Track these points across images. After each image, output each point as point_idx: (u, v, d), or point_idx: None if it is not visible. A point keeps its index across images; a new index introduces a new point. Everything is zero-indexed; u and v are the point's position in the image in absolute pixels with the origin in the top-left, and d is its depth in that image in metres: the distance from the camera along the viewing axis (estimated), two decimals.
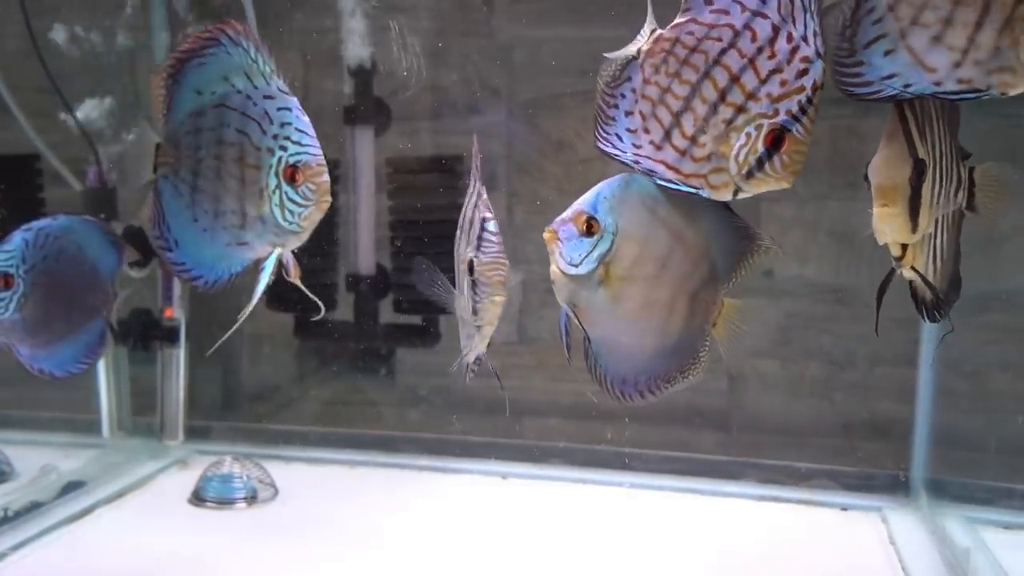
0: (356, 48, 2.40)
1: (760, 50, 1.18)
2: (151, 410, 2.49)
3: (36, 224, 1.78)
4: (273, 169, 1.37)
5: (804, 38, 1.17)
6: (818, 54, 1.16)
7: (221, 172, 1.42)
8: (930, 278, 1.27)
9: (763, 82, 1.17)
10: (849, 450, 2.30)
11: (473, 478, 2.35)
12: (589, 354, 1.35)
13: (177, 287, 2.42)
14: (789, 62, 1.17)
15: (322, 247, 2.54)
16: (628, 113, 1.28)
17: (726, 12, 1.20)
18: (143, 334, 2.42)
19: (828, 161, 2.24)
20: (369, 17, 2.37)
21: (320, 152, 1.39)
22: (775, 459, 2.27)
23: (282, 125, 1.38)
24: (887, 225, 1.15)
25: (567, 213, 1.31)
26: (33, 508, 2.04)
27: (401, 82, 2.40)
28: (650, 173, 1.27)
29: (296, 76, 2.63)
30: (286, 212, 1.39)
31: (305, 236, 1.43)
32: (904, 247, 1.20)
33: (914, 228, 1.15)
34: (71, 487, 2.18)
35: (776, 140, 1.17)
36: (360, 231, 2.48)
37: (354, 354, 2.62)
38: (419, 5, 2.48)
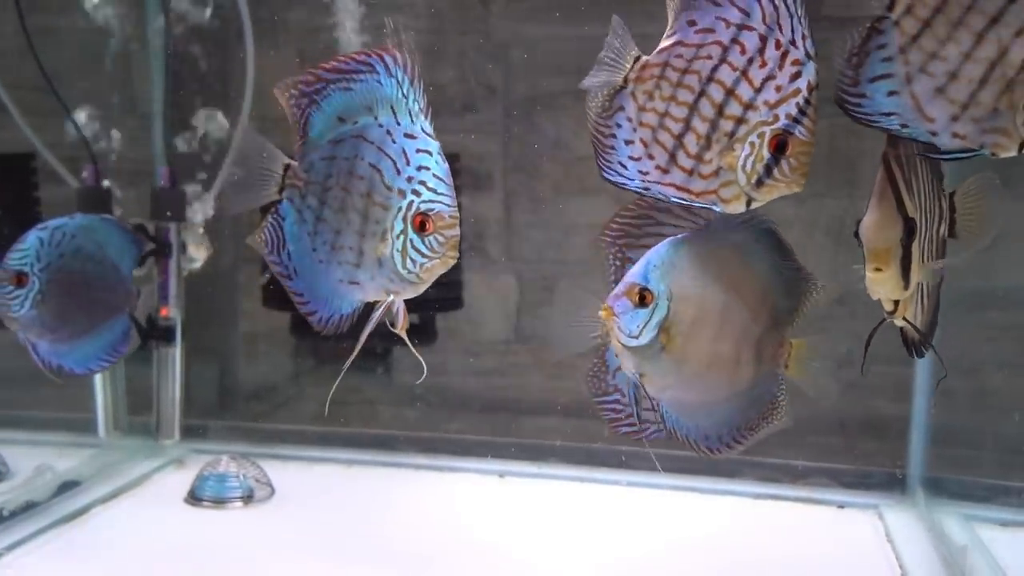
0: (352, 46, 2.39)
1: (751, 61, 1.19)
2: (147, 409, 2.48)
3: (52, 223, 1.78)
4: (401, 213, 1.29)
5: (792, 42, 1.18)
6: (808, 55, 1.17)
7: (346, 205, 1.34)
8: (917, 313, 1.28)
9: (758, 91, 1.19)
10: (846, 448, 2.30)
11: (470, 477, 2.34)
12: (664, 417, 1.37)
13: (173, 286, 2.41)
14: (781, 67, 1.18)
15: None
16: (628, 142, 1.29)
17: (711, 30, 1.22)
18: (139, 334, 2.42)
19: (826, 160, 2.24)
20: (365, 15, 2.37)
21: (455, 204, 1.30)
22: (772, 457, 2.27)
23: (419, 168, 1.29)
24: (880, 287, 1.17)
25: (619, 287, 1.30)
26: (28, 508, 2.03)
27: None
28: (662, 197, 1.28)
29: (291, 75, 2.63)
30: (407, 260, 1.30)
31: (422, 288, 1.35)
32: (897, 301, 1.22)
33: (906, 286, 1.17)
34: (67, 487, 2.17)
35: (780, 145, 1.18)
36: None
37: (351, 353, 2.62)
38: (416, 3, 2.48)
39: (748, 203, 1.22)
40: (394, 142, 1.31)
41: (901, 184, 1.16)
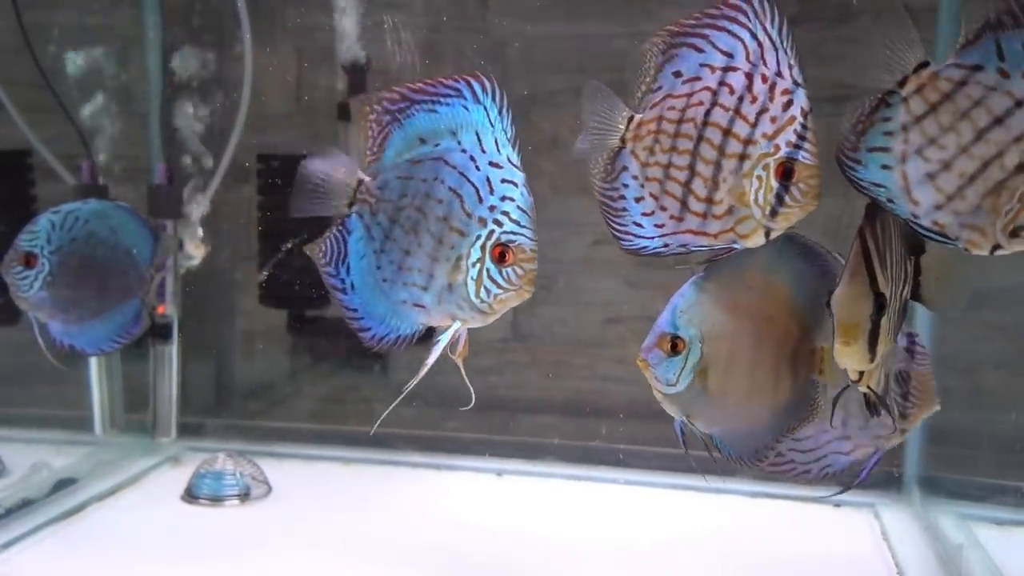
0: (350, 44, 2.39)
1: (740, 99, 1.22)
2: (144, 407, 2.48)
3: (65, 207, 1.81)
4: (480, 242, 1.27)
5: (778, 73, 1.21)
6: (796, 83, 1.20)
7: (419, 227, 1.31)
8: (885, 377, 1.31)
9: (755, 125, 1.21)
10: None
11: (468, 475, 2.34)
12: (718, 445, 1.38)
13: (170, 283, 2.41)
14: (772, 99, 1.20)
15: None
16: (638, 199, 1.30)
17: (698, 78, 1.25)
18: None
19: (824, 160, 2.24)
20: (363, 13, 2.36)
21: (536, 239, 1.28)
22: None
23: (503, 199, 1.27)
24: (847, 359, 1.18)
25: (650, 339, 1.30)
26: (24, 505, 2.03)
27: (395, 78, 2.39)
28: (682, 248, 1.29)
29: (289, 72, 2.63)
30: (482, 289, 1.28)
31: (491, 319, 1.33)
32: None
33: (872, 358, 1.19)
34: (63, 484, 2.17)
35: (787, 172, 1.20)
36: None
37: (348, 351, 2.62)
38: (414, 1, 2.48)
39: (767, 234, 1.24)
40: (478, 169, 1.29)
41: (875, 259, 1.17)
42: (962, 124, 1.12)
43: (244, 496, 2.13)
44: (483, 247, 1.27)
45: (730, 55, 1.23)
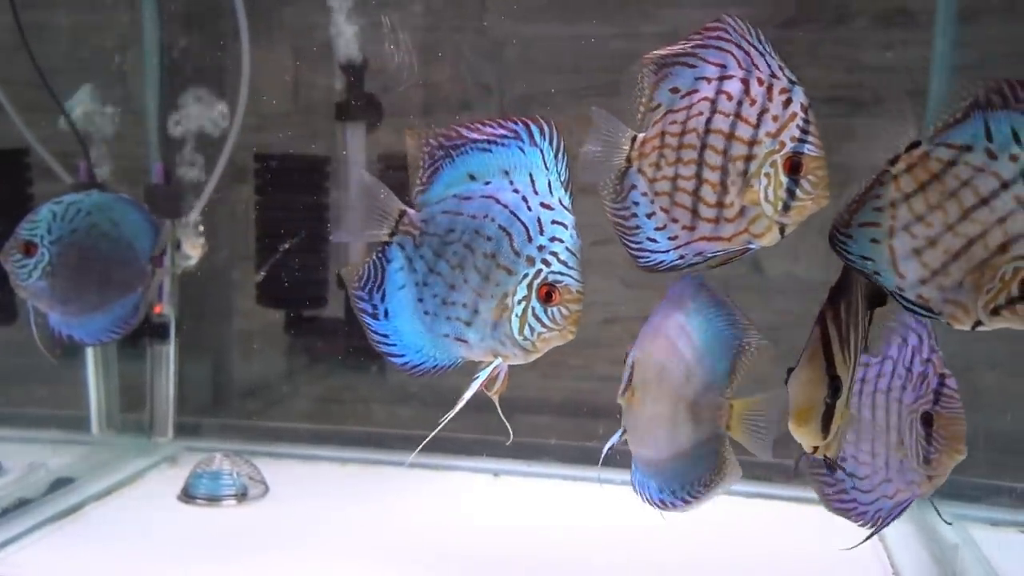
0: (347, 44, 2.39)
1: (739, 103, 1.24)
2: (141, 407, 2.48)
3: (67, 197, 1.81)
4: (528, 280, 1.28)
5: (773, 75, 1.23)
6: (792, 81, 1.22)
7: (466, 262, 1.32)
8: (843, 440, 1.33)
9: (757, 126, 1.22)
10: None
11: (464, 475, 2.34)
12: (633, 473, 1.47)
13: (167, 283, 2.41)
14: (771, 99, 1.22)
15: (313, 243, 2.54)
16: (650, 215, 1.32)
17: (695, 91, 1.27)
18: (132, 331, 2.41)
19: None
20: (361, 13, 2.37)
21: (583, 281, 1.29)
22: None
23: (552, 239, 1.28)
24: (800, 436, 1.22)
25: None
26: (21, 505, 2.03)
27: (393, 78, 2.39)
28: (698, 257, 1.30)
29: (287, 72, 2.63)
30: (526, 327, 1.29)
31: (532, 358, 1.34)
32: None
33: (825, 436, 1.21)
34: (60, 484, 2.17)
35: (794, 166, 1.21)
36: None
37: (345, 351, 2.62)
38: (411, 1, 2.48)
39: (782, 230, 1.25)
40: (529, 209, 1.30)
41: (835, 344, 1.20)
42: (949, 203, 1.15)
43: (241, 496, 2.13)
44: (530, 285, 1.28)
45: (723, 65, 1.25)
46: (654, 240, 1.32)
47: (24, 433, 2.49)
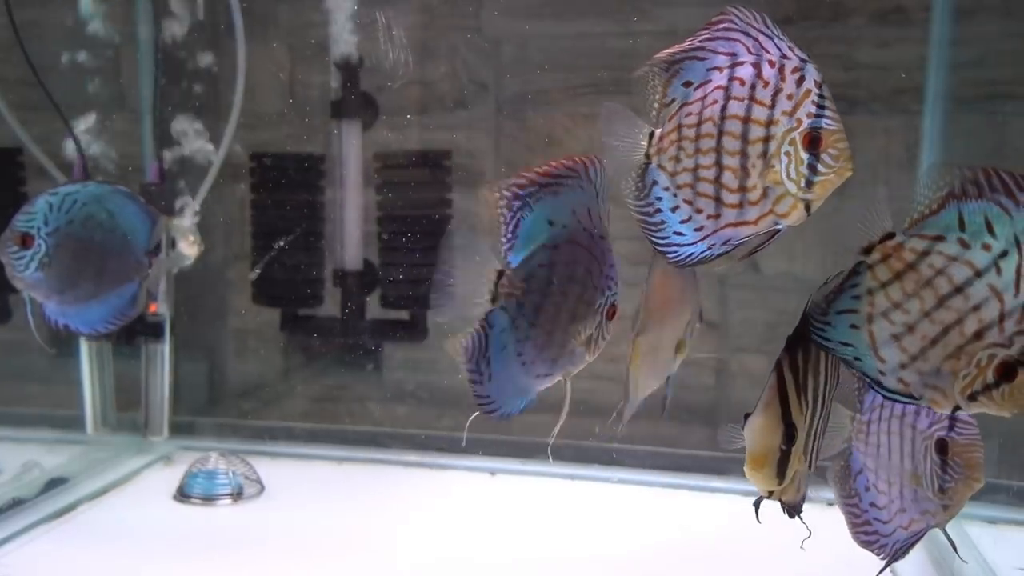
0: (343, 42, 2.38)
1: (753, 86, 1.23)
2: (135, 406, 2.47)
3: (63, 189, 1.81)
4: (602, 309, 1.36)
5: (784, 56, 1.22)
6: (803, 60, 1.21)
7: (561, 309, 1.36)
8: (804, 488, 1.35)
9: (772, 106, 1.22)
10: None
11: (461, 474, 2.34)
12: None
13: (162, 282, 2.40)
14: (783, 79, 1.21)
15: (309, 241, 2.53)
16: (674, 209, 1.32)
17: (708, 81, 1.27)
18: (127, 329, 2.40)
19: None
20: (356, 10, 2.36)
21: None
22: None
23: (611, 266, 1.37)
24: (755, 480, 1.24)
25: None
26: (16, 505, 2.02)
27: (388, 76, 2.39)
28: (726, 245, 1.30)
29: (282, 70, 2.62)
30: (594, 346, 1.39)
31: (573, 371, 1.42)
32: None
33: (780, 481, 1.24)
34: (54, 483, 2.16)
35: (813, 141, 1.20)
36: (347, 226, 2.47)
37: (341, 349, 2.61)
38: None
39: (807, 208, 1.24)
40: (596, 245, 1.36)
41: (792, 392, 1.22)
42: (925, 291, 1.18)
43: (237, 495, 2.13)
44: (601, 312, 1.37)
45: (733, 54, 1.25)
46: (681, 234, 1.32)
47: (18, 432, 2.48)
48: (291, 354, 2.76)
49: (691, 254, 1.32)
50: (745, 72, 1.24)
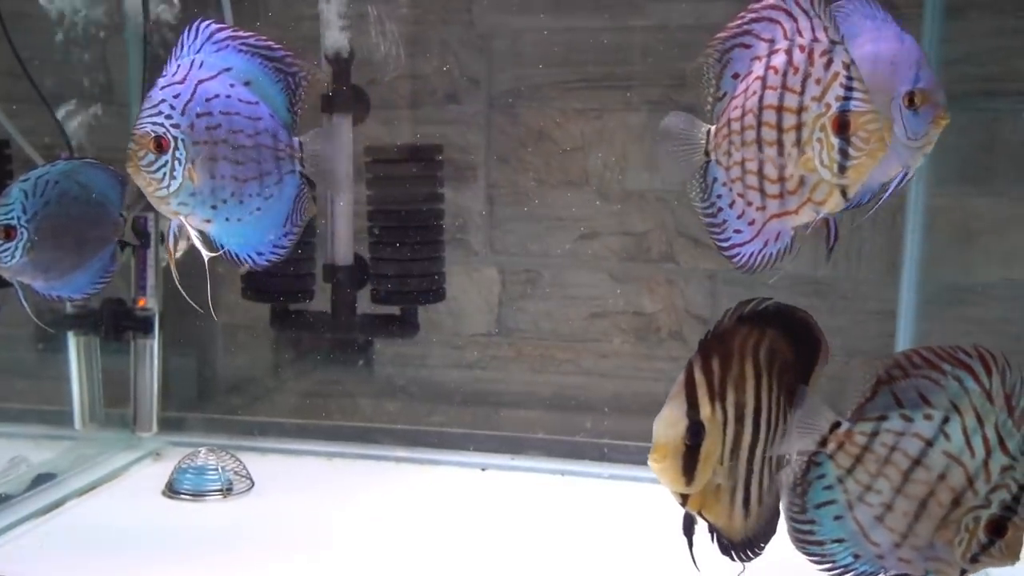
0: (334, 35, 2.37)
1: (785, 74, 1.24)
2: (124, 401, 2.45)
3: (34, 173, 1.83)
4: None
5: (814, 39, 1.23)
6: (833, 42, 1.22)
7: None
8: (739, 519, 1.34)
9: (802, 93, 1.23)
10: None
11: (451, 470, 2.34)
12: None
13: (151, 276, 2.39)
14: (812, 64, 1.22)
15: (299, 236, 2.52)
16: (731, 204, 1.35)
17: (749, 72, 1.29)
18: (116, 324, 2.39)
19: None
20: (348, 2, 2.34)
21: None
22: None
23: None
24: (661, 476, 1.26)
25: None
26: (2, 501, 2.01)
27: (380, 70, 2.38)
28: (775, 237, 1.32)
29: None
30: None
31: None
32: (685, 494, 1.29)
33: (689, 482, 1.25)
34: (41, 479, 2.15)
35: (842, 125, 1.20)
36: (338, 220, 2.45)
37: (331, 345, 2.60)
38: None
39: (844, 193, 1.25)
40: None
41: (703, 392, 1.24)
42: (887, 469, 1.21)
43: (226, 491, 2.12)
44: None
45: (771, 40, 1.27)
46: (739, 231, 1.35)
47: (5, 428, 2.47)
48: (281, 349, 2.75)
49: (751, 253, 1.34)
50: (779, 60, 1.25)
